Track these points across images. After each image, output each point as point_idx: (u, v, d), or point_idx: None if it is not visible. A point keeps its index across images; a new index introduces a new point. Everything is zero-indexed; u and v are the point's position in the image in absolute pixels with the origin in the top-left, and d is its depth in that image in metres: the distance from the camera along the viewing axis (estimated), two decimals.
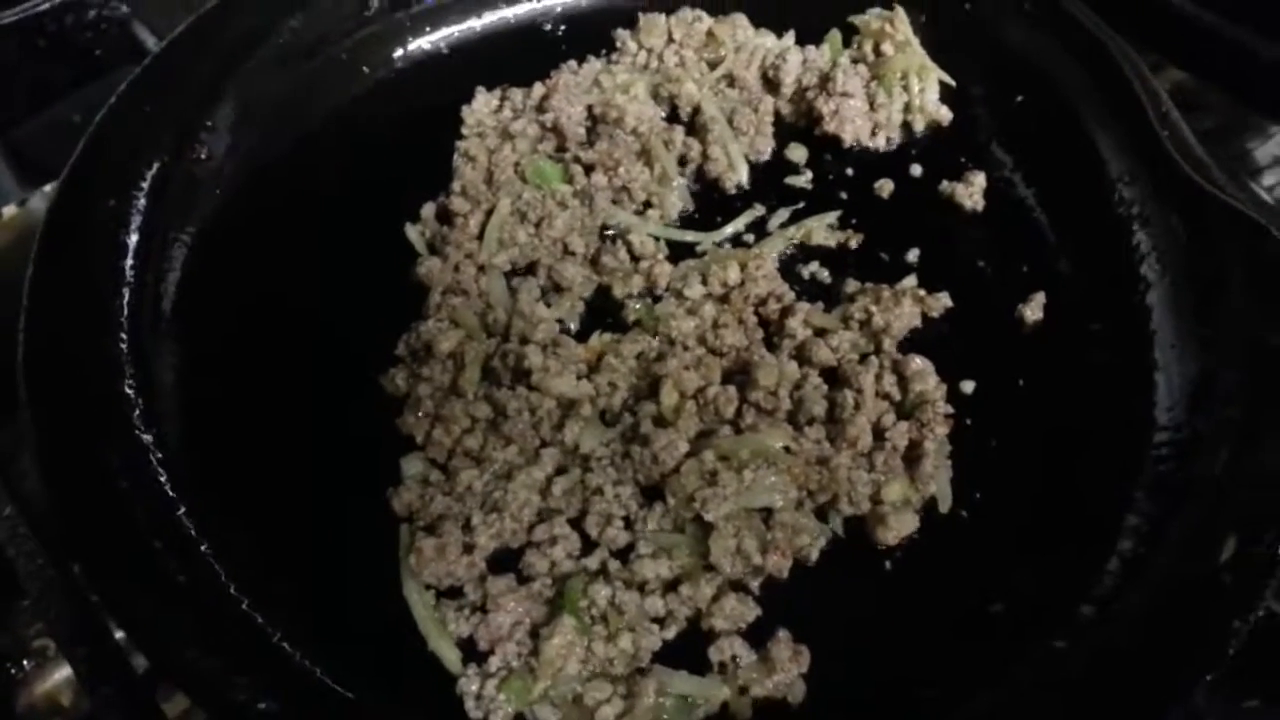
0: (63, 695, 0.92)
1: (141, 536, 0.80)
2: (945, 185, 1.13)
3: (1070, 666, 0.78)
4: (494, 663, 0.80)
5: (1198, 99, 1.25)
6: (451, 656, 0.82)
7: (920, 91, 1.17)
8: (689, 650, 0.83)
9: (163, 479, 0.85)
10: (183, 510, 0.84)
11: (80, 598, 0.84)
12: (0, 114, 1.26)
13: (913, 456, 0.93)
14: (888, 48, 1.19)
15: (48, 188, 1.14)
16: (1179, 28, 1.17)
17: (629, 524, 0.90)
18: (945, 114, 1.18)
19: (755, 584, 0.87)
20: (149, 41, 1.23)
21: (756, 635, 0.84)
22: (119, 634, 0.85)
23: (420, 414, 0.94)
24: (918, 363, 0.97)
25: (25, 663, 0.92)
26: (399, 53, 1.21)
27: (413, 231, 1.08)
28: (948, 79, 1.18)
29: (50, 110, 1.31)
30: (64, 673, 0.91)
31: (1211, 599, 0.75)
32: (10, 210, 1.13)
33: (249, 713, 0.70)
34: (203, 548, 0.83)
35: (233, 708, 0.70)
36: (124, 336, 0.90)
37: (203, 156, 1.04)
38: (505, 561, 0.87)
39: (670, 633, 0.84)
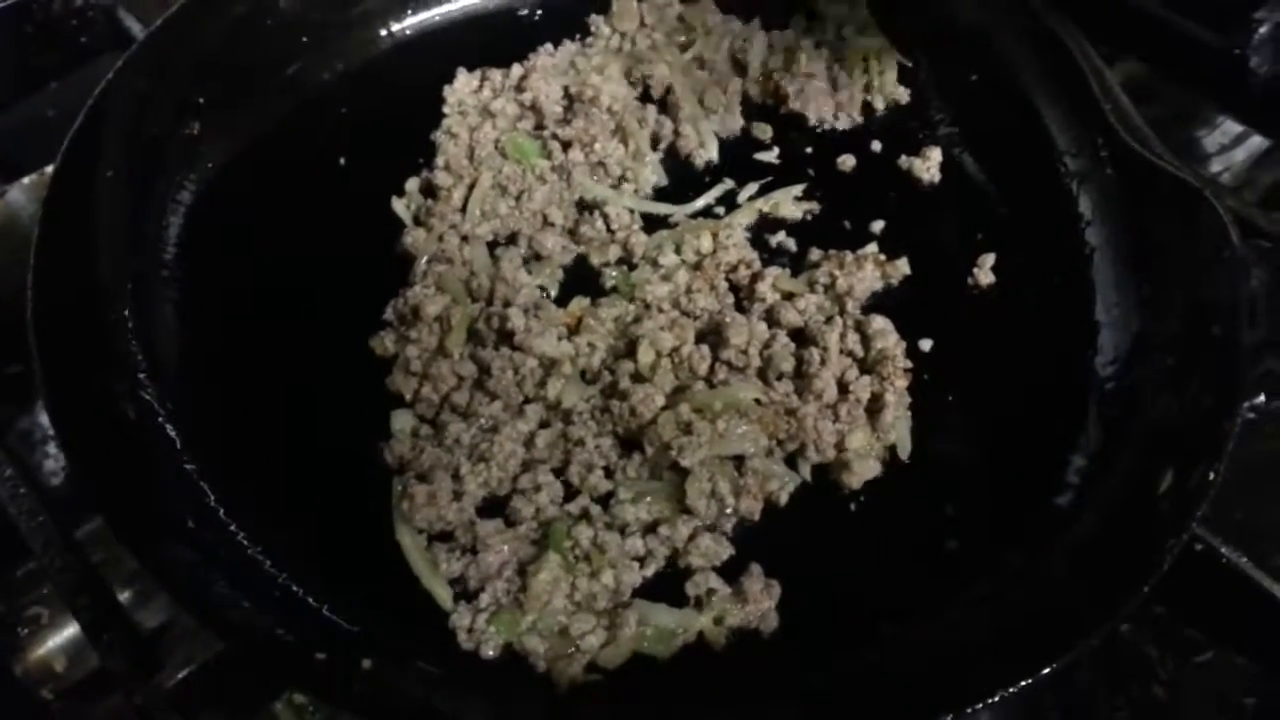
0: (56, 662, 0.95)
1: (153, 486, 0.84)
2: (903, 160, 1.19)
3: (1022, 587, 0.84)
4: (484, 599, 0.85)
5: (1149, 90, 1.31)
6: (443, 594, 0.86)
7: (880, 73, 1.24)
8: (668, 587, 0.88)
9: (170, 432, 0.89)
10: (190, 465, 0.88)
11: (83, 555, 0.88)
12: None
13: (875, 408, 0.99)
14: (848, 32, 1.26)
15: (26, 179, 1.17)
16: (1129, 19, 1.22)
17: (609, 473, 0.95)
18: (903, 93, 1.25)
19: (729, 526, 0.92)
20: (134, 28, 1.25)
21: (731, 572, 0.89)
22: (123, 595, 0.90)
23: (409, 373, 0.99)
24: (879, 322, 1.03)
25: (20, 630, 0.96)
26: (382, 33, 1.25)
27: (399, 204, 1.13)
28: (905, 61, 1.25)
29: (26, 104, 1.34)
30: (57, 640, 0.95)
31: (1150, 523, 0.81)
32: None
33: (269, 639, 0.74)
34: (210, 501, 0.87)
35: (251, 634, 0.74)
36: (127, 301, 0.95)
37: (194, 132, 1.08)
38: (492, 509, 0.92)
39: (650, 570, 0.89)
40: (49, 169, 1.17)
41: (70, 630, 0.94)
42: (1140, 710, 1.02)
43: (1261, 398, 0.87)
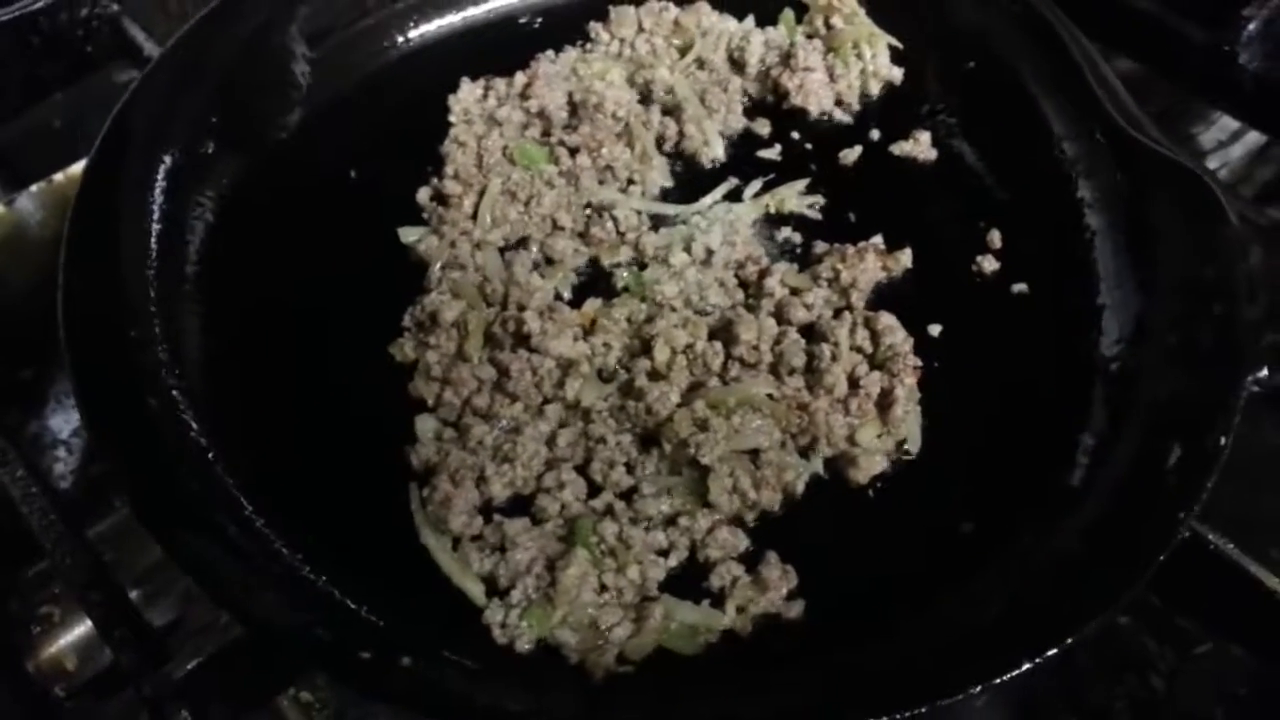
0: (68, 660, 0.97)
1: (188, 490, 0.87)
2: (901, 146, 1.22)
3: (1037, 563, 0.86)
4: (515, 595, 0.87)
5: (1143, 87, 1.32)
6: (476, 590, 0.88)
7: (873, 57, 1.27)
8: (693, 589, 0.90)
9: (203, 443, 0.92)
10: (223, 471, 0.90)
11: (94, 553, 0.90)
12: None
13: (885, 403, 1.01)
14: (837, 21, 1.28)
15: (34, 187, 1.20)
16: (1120, 16, 1.25)
17: (630, 469, 0.97)
18: (897, 74, 1.28)
19: (750, 518, 0.95)
20: (139, 38, 1.28)
21: (751, 564, 0.91)
22: (132, 594, 0.92)
23: (430, 378, 1.01)
24: (887, 318, 1.05)
25: (32, 629, 0.97)
26: (386, 45, 1.28)
27: (406, 233, 1.14)
28: (895, 42, 1.28)
29: (32, 114, 1.36)
30: (68, 638, 0.97)
31: (1160, 497, 0.84)
32: None
33: (308, 637, 0.77)
34: (247, 511, 0.89)
35: (289, 633, 0.76)
36: (152, 307, 0.97)
37: (209, 151, 1.10)
38: (518, 509, 0.94)
39: (673, 562, 0.91)
40: (57, 177, 1.21)
41: (81, 629, 0.97)
42: (1139, 701, 1.05)
43: (1265, 371, 0.90)
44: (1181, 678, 1.06)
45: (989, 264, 1.12)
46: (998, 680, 0.73)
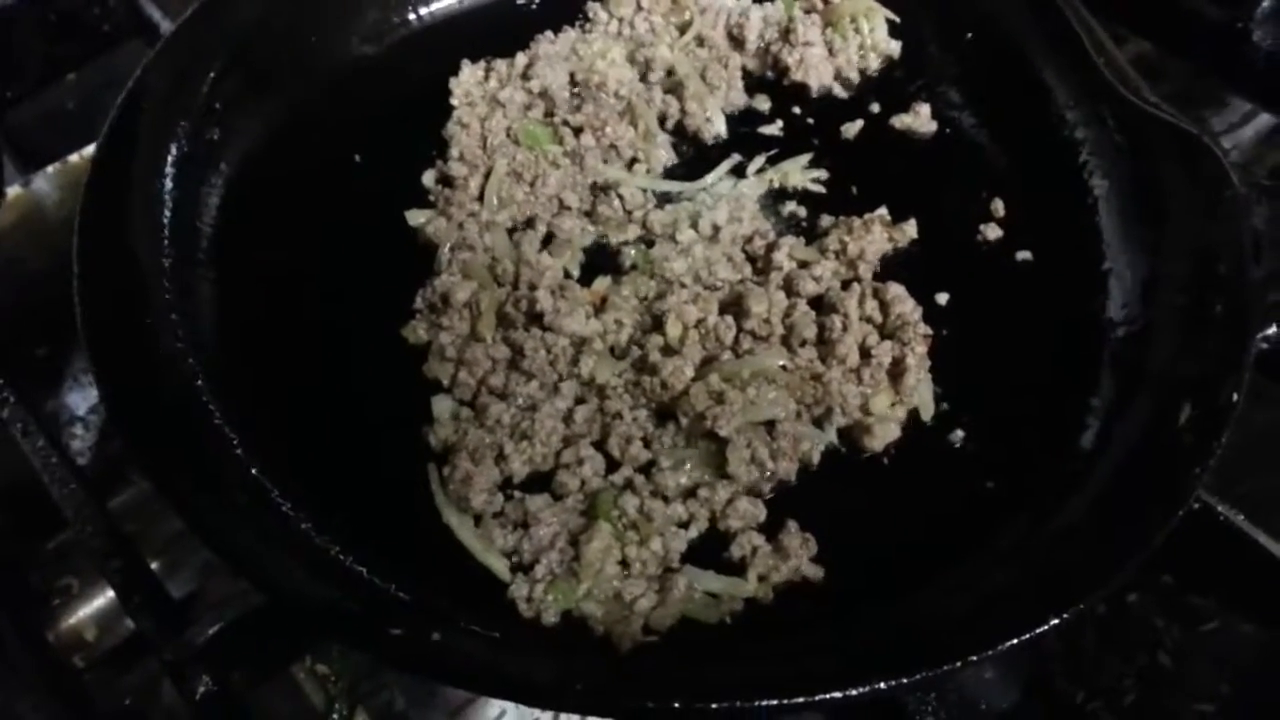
0: (87, 631, 0.97)
1: (209, 467, 0.87)
2: (902, 118, 1.22)
3: (1055, 525, 0.87)
4: (539, 570, 0.88)
5: (1156, 69, 1.34)
6: (500, 566, 0.89)
7: (870, 31, 1.27)
8: (714, 559, 0.91)
9: (229, 433, 0.92)
10: (243, 454, 0.90)
11: (114, 523, 0.91)
12: (15, 89, 1.31)
13: (896, 372, 1.02)
14: None
15: (50, 169, 1.21)
16: None
17: (647, 443, 0.98)
18: (895, 47, 1.28)
19: (768, 488, 0.96)
20: (155, 16, 1.27)
21: (771, 533, 0.92)
22: (152, 565, 0.92)
23: (444, 359, 1.01)
24: (895, 289, 1.06)
25: (52, 600, 0.98)
26: (388, 28, 1.27)
27: (414, 215, 1.14)
28: (893, 15, 1.28)
29: (46, 96, 1.38)
30: (87, 610, 0.97)
31: (1175, 455, 0.85)
32: (15, 190, 1.19)
33: (340, 614, 0.77)
34: (275, 495, 0.89)
35: (319, 606, 0.77)
36: (166, 295, 0.97)
37: (215, 138, 1.10)
38: (537, 485, 0.95)
39: (693, 533, 0.92)
40: (72, 158, 1.22)
41: (99, 601, 0.97)
42: (1146, 678, 1.06)
43: (1274, 328, 0.91)
44: (1188, 654, 1.07)
45: (993, 232, 1.12)
46: (1026, 637, 0.73)
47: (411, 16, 1.28)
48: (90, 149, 1.15)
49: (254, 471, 0.90)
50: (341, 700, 1.04)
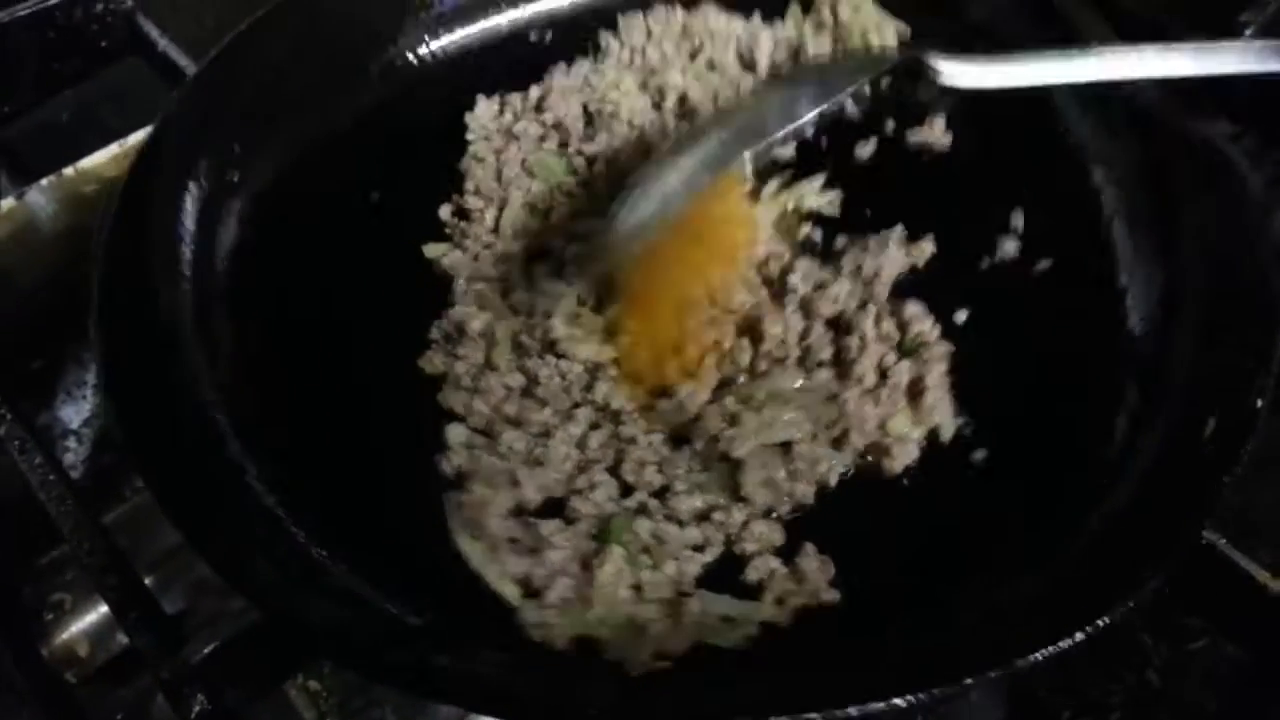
0: (80, 646, 0.98)
1: (224, 498, 0.88)
2: (917, 132, 1.21)
3: (1079, 539, 0.85)
4: (550, 595, 0.87)
5: None
6: (511, 591, 0.89)
7: (883, 48, 1.26)
8: (730, 583, 0.90)
9: (246, 466, 0.93)
10: (258, 486, 0.91)
11: (109, 539, 0.90)
12: (12, 104, 1.34)
13: (915, 391, 1.01)
14: (843, 10, 1.28)
15: (45, 181, 1.22)
16: (1114, 20, 1.23)
17: (661, 468, 0.97)
18: None
19: (784, 511, 0.95)
20: (152, 33, 1.31)
21: (788, 556, 0.92)
22: (146, 579, 0.92)
23: (459, 388, 1.02)
24: (913, 307, 1.05)
25: (45, 615, 0.99)
26: (400, 64, 1.29)
27: (432, 248, 1.16)
28: (903, 26, 1.27)
29: (40, 109, 1.40)
30: (80, 625, 0.98)
31: (1201, 467, 0.83)
32: (9, 203, 1.20)
33: (349, 635, 0.78)
34: (290, 524, 0.90)
35: (331, 630, 0.78)
36: (186, 330, 0.99)
37: (235, 180, 1.12)
38: (550, 512, 0.95)
39: (708, 556, 0.92)
40: (67, 170, 1.23)
41: (92, 616, 0.98)
42: (1134, 696, 1.04)
43: None
44: (1177, 672, 1.05)
45: (1010, 246, 1.11)
46: (1050, 651, 0.72)
47: (425, 53, 1.30)
48: (86, 161, 1.18)
49: (270, 502, 0.90)
50: (333, 716, 1.04)
